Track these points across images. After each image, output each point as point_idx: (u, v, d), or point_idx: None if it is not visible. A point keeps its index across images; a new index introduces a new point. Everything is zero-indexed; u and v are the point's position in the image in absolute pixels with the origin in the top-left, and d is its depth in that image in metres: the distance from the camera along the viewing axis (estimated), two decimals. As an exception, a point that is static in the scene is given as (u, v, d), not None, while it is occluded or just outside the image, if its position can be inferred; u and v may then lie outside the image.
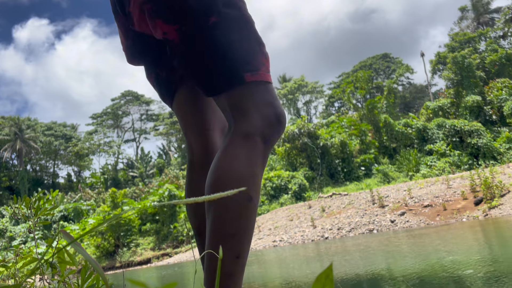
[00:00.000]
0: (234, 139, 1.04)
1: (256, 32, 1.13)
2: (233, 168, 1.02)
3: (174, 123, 49.56)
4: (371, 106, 28.49)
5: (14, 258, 1.50)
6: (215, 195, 0.44)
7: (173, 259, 20.95)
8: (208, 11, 1.08)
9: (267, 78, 1.09)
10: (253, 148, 1.03)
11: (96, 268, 0.56)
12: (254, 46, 1.10)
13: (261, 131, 1.04)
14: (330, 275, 0.37)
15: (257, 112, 1.05)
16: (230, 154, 1.03)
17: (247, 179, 1.01)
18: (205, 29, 1.08)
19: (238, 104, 1.07)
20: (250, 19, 1.13)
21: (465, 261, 5.43)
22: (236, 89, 1.07)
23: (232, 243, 0.98)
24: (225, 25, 1.08)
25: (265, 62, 1.10)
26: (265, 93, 1.08)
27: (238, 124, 1.05)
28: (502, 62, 29.10)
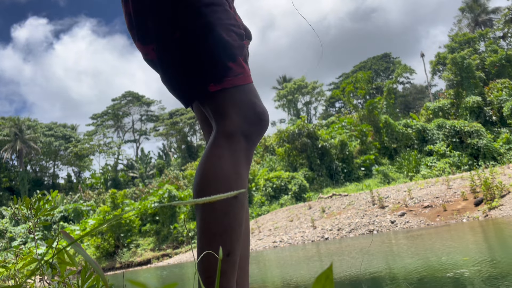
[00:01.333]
0: (216, 139, 1.07)
1: (221, 37, 1.10)
2: (217, 167, 1.04)
3: (174, 124, 49.59)
4: (371, 107, 28.49)
5: (14, 259, 1.50)
6: (214, 197, 0.44)
7: (173, 259, 20.95)
8: (172, 27, 1.12)
9: (234, 83, 1.09)
10: (236, 147, 1.05)
11: (96, 269, 0.56)
12: (217, 54, 1.10)
13: (241, 130, 1.06)
14: (330, 275, 0.37)
15: (236, 113, 1.07)
16: (213, 154, 1.05)
17: (232, 177, 1.04)
18: (172, 45, 1.12)
19: (217, 108, 1.09)
20: (214, 25, 1.11)
21: (465, 262, 5.42)
22: (208, 99, 1.10)
23: (221, 241, 1.00)
24: (188, 38, 1.11)
25: (232, 66, 1.10)
26: (241, 94, 1.10)
27: (219, 125, 1.08)
28: (502, 63, 29.11)
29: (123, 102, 56.76)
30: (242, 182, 1.06)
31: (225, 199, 1.01)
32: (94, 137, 54.52)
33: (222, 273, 0.99)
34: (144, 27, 1.17)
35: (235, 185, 1.04)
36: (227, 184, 1.03)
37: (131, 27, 1.23)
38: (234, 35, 1.14)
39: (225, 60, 1.10)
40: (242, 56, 1.15)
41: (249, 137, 1.07)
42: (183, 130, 49.30)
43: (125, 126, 57.72)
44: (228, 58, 1.10)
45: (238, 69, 1.11)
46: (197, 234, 1.04)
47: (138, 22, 1.19)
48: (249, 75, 1.14)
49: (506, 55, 29.18)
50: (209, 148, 1.07)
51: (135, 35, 1.22)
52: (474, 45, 32.38)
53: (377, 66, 55.03)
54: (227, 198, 1.01)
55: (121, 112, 56.58)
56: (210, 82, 1.09)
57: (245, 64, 1.15)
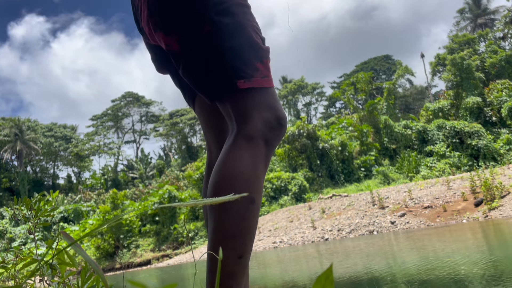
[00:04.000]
0: (237, 141, 1.06)
1: (250, 37, 1.13)
2: (236, 169, 1.03)
3: (174, 124, 49.58)
4: (371, 108, 28.50)
5: (14, 260, 1.50)
6: (219, 198, 0.44)
7: (173, 260, 20.94)
8: (201, 21, 1.11)
9: (261, 84, 1.10)
10: (256, 151, 1.05)
11: (96, 269, 0.56)
12: (247, 53, 1.11)
13: (263, 134, 1.06)
14: (330, 276, 0.37)
15: (258, 116, 1.07)
16: (234, 156, 1.05)
17: (250, 181, 1.03)
18: (199, 38, 1.11)
19: (239, 108, 1.09)
20: (244, 24, 1.13)
21: (465, 262, 5.42)
22: (233, 96, 1.10)
23: (234, 243, 1.00)
24: (218, 33, 1.11)
25: (260, 67, 1.11)
26: (265, 97, 1.10)
27: (241, 127, 1.07)
28: (502, 64, 29.12)
29: (122, 103, 56.77)
30: (260, 186, 1.05)
31: (243, 203, 1.01)
32: (94, 137, 54.54)
33: (232, 275, 0.98)
34: (170, 17, 1.15)
35: (253, 188, 1.03)
36: (246, 186, 1.02)
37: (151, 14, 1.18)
38: (260, 38, 1.16)
39: (254, 60, 1.11)
40: (269, 59, 1.16)
41: (269, 142, 1.07)
42: (183, 131, 49.30)
43: (125, 126, 57.74)
44: (257, 59, 1.12)
45: (264, 71, 1.12)
46: (209, 234, 1.04)
47: (164, 12, 1.15)
48: (272, 79, 1.15)
49: (506, 56, 29.18)
50: (230, 149, 1.06)
51: (157, 25, 1.17)
52: (474, 46, 32.39)
53: (378, 66, 55.05)
54: (245, 202, 1.01)
55: (121, 113, 56.59)
56: (239, 79, 1.09)
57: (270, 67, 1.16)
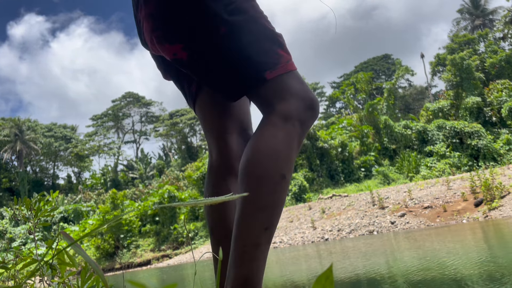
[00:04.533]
0: (273, 119, 1.08)
1: (265, 28, 1.15)
2: (270, 147, 1.05)
3: (174, 125, 49.58)
4: (371, 108, 28.50)
5: (14, 260, 1.50)
6: (218, 198, 0.44)
7: (173, 260, 20.94)
8: (216, 23, 1.13)
9: (288, 68, 1.13)
10: (291, 130, 1.07)
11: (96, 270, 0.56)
12: (265, 44, 1.13)
13: (299, 115, 1.08)
14: (330, 276, 0.38)
15: (293, 97, 1.09)
16: (269, 133, 1.07)
17: (283, 158, 1.06)
18: (217, 41, 1.13)
19: (273, 93, 1.11)
20: (256, 17, 1.16)
21: (465, 263, 5.42)
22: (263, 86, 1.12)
23: (263, 215, 1.03)
24: (234, 32, 1.12)
25: (282, 53, 1.14)
26: (294, 80, 1.12)
27: (276, 107, 1.08)
28: (502, 65, 29.13)
29: (123, 103, 56.79)
30: (291, 165, 1.08)
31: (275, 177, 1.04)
32: (94, 138, 54.55)
33: (257, 245, 1.03)
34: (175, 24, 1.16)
35: (285, 166, 1.05)
36: (278, 163, 1.05)
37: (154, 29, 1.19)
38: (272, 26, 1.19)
39: (276, 47, 1.13)
40: (285, 44, 1.18)
41: (303, 122, 1.09)
42: (183, 131, 49.30)
43: (125, 127, 57.74)
44: (278, 46, 1.14)
45: (287, 56, 1.14)
46: (239, 205, 1.06)
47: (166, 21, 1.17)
48: (293, 62, 1.17)
49: (506, 56, 29.19)
50: (264, 126, 1.08)
51: (161, 37, 1.18)
52: (474, 46, 32.41)
53: (378, 66, 55.05)
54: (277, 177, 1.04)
55: (121, 113, 56.60)
56: (265, 70, 1.11)
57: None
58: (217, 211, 1.30)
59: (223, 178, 1.33)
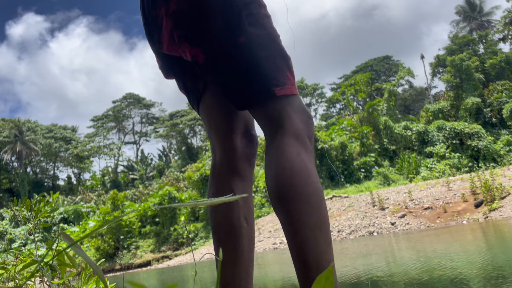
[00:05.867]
0: (286, 139, 1.12)
1: (280, 47, 1.20)
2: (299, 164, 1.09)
3: (174, 126, 49.59)
4: (371, 109, 28.50)
5: (14, 261, 1.50)
6: (219, 199, 0.44)
7: (173, 261, 20.93)
8: (236, 32, 1.16)
9: (293, 91, 1.18)
10: (307, 146, 1.13)
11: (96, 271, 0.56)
12: (279, 62, 1.18)
13: (306, 132, 1.15)
14: (330, 277, 0.38)
15: (298, 117, 1.15)
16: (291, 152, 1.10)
17: (313, 172, 1.10)
18: (234, 48, 1.16)
19: (280, 111, 1.15)
20: (274, 35, 1.20)
21: (465, 263, 5.42)
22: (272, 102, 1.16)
23: (322, 232, 1.05)
24: (252, 44, 1.16)
25: (290, 76, 1.19)
26: (298, 101, 1.19)
27: (286, 127, 1.13)
28: (502, 66, 29.15)
29: (123, 104, 56.80)
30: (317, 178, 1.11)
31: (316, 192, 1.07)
32: (94, 138, 54.56)
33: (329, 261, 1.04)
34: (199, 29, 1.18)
35: (317, 180, 1.09)
36: (313, 179, 1.08)
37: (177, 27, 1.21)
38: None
39: (285, 69, 1.19)
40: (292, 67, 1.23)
41: (311, 138, 1.16)
42: (183, 132, 49.31)
43: (126, 128, 57.76)
44: (287, 68, 1.19)
45: (293, 80, 1.20)
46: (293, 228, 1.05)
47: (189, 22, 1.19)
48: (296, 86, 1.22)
49: (506, 57, 29.21)
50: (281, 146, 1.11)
51: (182, 37, 1.20)
52: (474, 47, 32.42)
53: (378, 67, 55.07)
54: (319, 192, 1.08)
55: (122, 114, 56.62)
56: (276, 87, 1.15)
57: None
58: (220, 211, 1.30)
59: (227, 178, 1.33)
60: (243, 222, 1.28)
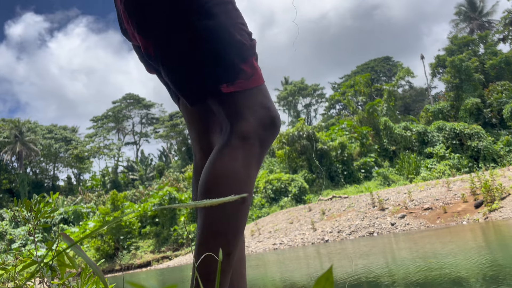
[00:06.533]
0: (231, 140, 1.06)
1: (233, 38, 1.10)
2: (229, 168, 1.03)
3: (174, 126, 49.59)
4: (371, 109, 28.50)
5: (13, 261, 1.50)
6: (219, 199, 0.44)
7: (173, 262, 20.92)
8: (182, 25, 1.10)
9: (246, 86, 1.09)
10: (250, 151, 1.05)
11: (96, 271, 0.56)
12: (230, 55, 1.09)
13: (258, 134, 1.06)
14: (330, 277, 0.38)
15: (252, 115, 1.07)
16: (228, 154, 1.05)
17: (243, 181, 1.04)
18: (181, 42, 1.10)
19: (231, 109, 1.09)
20: (227, 25, 1.11)
21: (465, 264, 5.42)
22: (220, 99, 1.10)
23: (224, 241, 1.01)
24: (198, 39, 1.09)
25: (245, 68, 1.10)
26: (255, 96, 1.10)
27: (235, 126, 1.06)
28: (502, 66, 29.17)
29: (123, 104, 56.81)
30: (251, 186, 1.06)
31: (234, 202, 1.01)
32: (94, 139, 54.56)
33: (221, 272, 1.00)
34: (148, 20, 1.13)
35: (245, 188, 1.04)
36: (238, 186, 1.03)
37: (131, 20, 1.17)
38: (245, 34, 1.14)
39: (238, 61, 1.10)
40: (254, 56, 1.14)
41: (263, 142, 1.07)
42: (183, 132, 49.30)
43: (126, 128, 57.76)
44: (241, 60, 1.10)
45: (250, 71, 1.11)
46: (199, 230, 1.03)
47: (142, 14, 1.14)
48: (261, 76, 1.13)
49: (506, 58, 29.22)
50: (223, 147, 1.06)
51: (135, 26, 1.16)
52: (474, 48, 32.43)
53: (378, 68, 55.07)
54: (236, 201, 1.01)
55: (122, 115, 56.62)
56: (223, 83, 1.08)
57: (257, 64, 1.14)
58: None
59: None
60: None
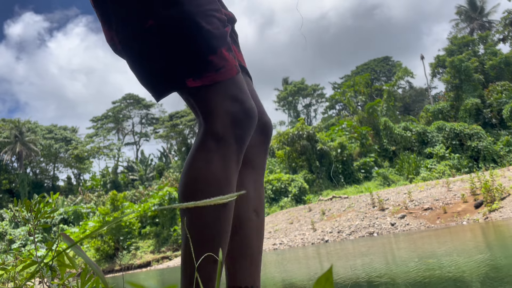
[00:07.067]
0: (205, 141, 1.00)
1: (200, 28, 1.02)
2: (205, 171, 0.99)
3: (174, 126, 49.59)
4: (371, 110, 28.52)
5: (13, 261, 1.50)
6: (217, 198, 0.44)
7: (173, 262, 20.92)
8: (144, 14, 1.03)
9: (214, 79, 1.01)
10: (226, 151, 0.99)
11: (96, 271, 0.56)
12: (195, 46, 1.01)
13: (231, 131, 1.00)
14: (330, 278, 0.38)
15: (223, 111, 1.00)
16: (202, 157, 1.00)
17: (221, 184, 0.99)
18: (142, 32, 1.03)
19: (200, 104, 1.02)
20: (193, 14, 1.02)
21: (465, 265, 5.42)
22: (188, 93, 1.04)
23: (209, 248, 0.96)
24: (162, 28, 1.02)
25: (214, 59, 1.01)
26: (226, 89, 1.02)
27: (207, 125, 1.01)
28: (501, 67, 29.19)
29: (123, 104, 56.82)
30: (231, 188, 1.01)
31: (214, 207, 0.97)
32: (94, 139, 54.58)
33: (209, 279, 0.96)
34: (109, 11, 1.08)
35: (225, 191, 0.99)
36: (217, 189, 0.98)
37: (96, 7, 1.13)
38: (216, 21, 1.05)
39: (205, 53, 1.01)
40: (225, 46, 1.05)
41: (239, 137, 1.00)
42: (183, 133, 49.31)
43: (126, 128, 57.77)
44: (208, 51, 1.01)
45: (220, 62, 1.02)
46: (182, 240, 1.00)
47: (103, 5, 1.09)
48: (232, 67, 1.04)
49: (506, 58, 29.23)
50: (197, 150, 1.01)
51: (99, 18, 1.12)
52: (474, 48, 32.45)
53: (378, 68, 55.09)
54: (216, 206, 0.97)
55: (122, 115, 56.63)
56: (188, 77, 1.01)
57: (229, 54, 1.05)
58: None
59: None
60: (252, 215, 1.17)
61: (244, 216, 1.17)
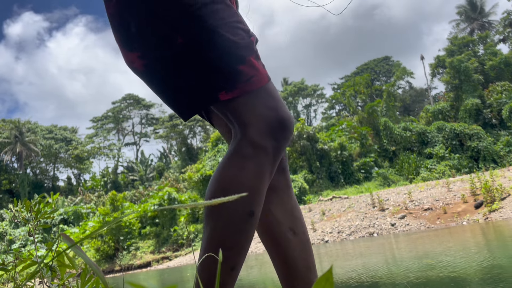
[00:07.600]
0: (241, 147, 0.99)
1: (227, 39, 1.02)
2: (238, 179, 0.97)
3: (174, 126, 49.60)
4: (371, 110, 28.52)
5: (13, 262, 1.50)
6: (218, 199, 0.44)
7: (173, 262, 20.92)
8: (172, 33, 1.02)
9: (246, 89, 1.00)
10: (262, 159, 0.98)
11: (96, 271, 0.56)
12: (224, 59, 1.01)
13: (268, 140, 0.98)
14: (330, 278, 0.38)
15: (259, 120, 0.99)
16: (237, 164, 0.98)
17: (252, 193, 0.97)
18: (172, 52, 1.03)
19: (235, 115, 1.01)
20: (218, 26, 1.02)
21: (465, 264, 5.42)
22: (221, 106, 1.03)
23: (229, 255, 0.96)
24: (191, 44, 1.02)
25: (244, 69, 1.01)
26: (260, 98, 1.01)
27: (244, 133, 0.99)
28: (501, 67, 29.20)
29: (123, 105, 56.83)
30: (261, 198, 0.99)
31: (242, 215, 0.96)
32: (94, 139, 54.59)
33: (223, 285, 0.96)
34: (130, 31, 1.06)
35: (253, 201, 0.97)
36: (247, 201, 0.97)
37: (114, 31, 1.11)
38: (241, 32, 1.05)
39: (234, 64, 1.01)
40: (253, 55, 1.05)
41: (275, 147, 0.99)
42: (183, 133, 49.31)
43: (126, 129, 57.78)
44: (237, 61, 1.01)
45: (250, 72, 1.02)
46: (204, 243, 0.98)
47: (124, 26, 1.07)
48: (264, 75, 1.04)
49: (506, 59, 29.24)
50: (232, 156, 0.99)
51: (119, 40, 1.11)
52: (474, 48, 32.46)
53: (378, 68, 55.10)
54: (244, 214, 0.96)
55: (122, 115, 56.64)
56: (221, 90, 1.00)
57: (258, 63, 1.05)
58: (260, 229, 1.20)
59: None
60: (287, 235, 1.14)
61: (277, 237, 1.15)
